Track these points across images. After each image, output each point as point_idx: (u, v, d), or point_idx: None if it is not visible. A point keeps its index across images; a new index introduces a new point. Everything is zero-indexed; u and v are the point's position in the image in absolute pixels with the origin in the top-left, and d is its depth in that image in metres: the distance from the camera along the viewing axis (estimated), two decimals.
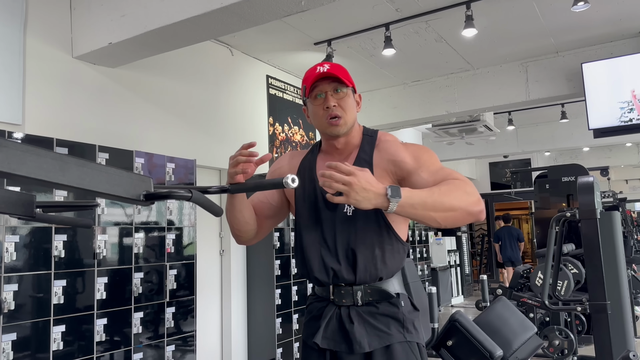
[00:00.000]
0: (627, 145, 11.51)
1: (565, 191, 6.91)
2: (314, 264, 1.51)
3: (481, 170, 13.55)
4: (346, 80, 1.51)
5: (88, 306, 3.33)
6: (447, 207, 1.30)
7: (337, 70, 1.51)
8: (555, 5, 4.63)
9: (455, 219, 1.32)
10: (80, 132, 3.71)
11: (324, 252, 1.50)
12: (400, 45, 5.23)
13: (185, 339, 4.00)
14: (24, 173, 1.04)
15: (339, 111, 1.50)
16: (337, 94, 1.51)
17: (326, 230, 1.51)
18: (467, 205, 1.33)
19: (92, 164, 1.18)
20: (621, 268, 3.18)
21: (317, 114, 1.53)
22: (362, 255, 1.46)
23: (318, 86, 1.52)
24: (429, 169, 1.45)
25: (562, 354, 4.17)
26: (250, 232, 1.58)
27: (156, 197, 1.32)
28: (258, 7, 3.12)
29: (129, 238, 3.66)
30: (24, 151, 1.05)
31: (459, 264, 10.07)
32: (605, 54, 5.52)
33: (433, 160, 1.49)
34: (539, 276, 4.45)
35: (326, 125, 1.52)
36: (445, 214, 1.30)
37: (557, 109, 8.15)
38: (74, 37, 3.75)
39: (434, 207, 1.29)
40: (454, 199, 1.31)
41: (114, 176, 1.23)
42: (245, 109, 5.40)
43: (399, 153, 1.51)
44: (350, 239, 1.47)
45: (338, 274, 1.47)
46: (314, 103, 1.54)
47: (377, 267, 1.47)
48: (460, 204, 1.32)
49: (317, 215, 1.53)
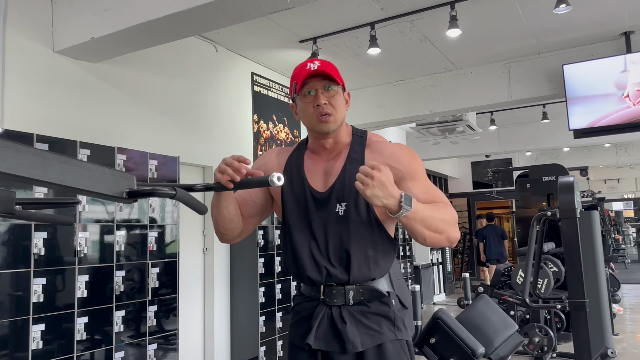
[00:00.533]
0: (605, 146, 11.71)
1: (546, 191, 7.01)
2: (306, 263, 1.49)
3: (463, 169, 13.67)
4: (337, 78, 1.50)
5: (68, 304, 3.28)
6: (438, 229, 1.40)
7: (328, 68, 1.50)
8: (538, 7, 4.69)
9: (439, 241, 1.43)
10: (61, 128, 3.66)
11: (315, 251, 1.49)
12: (385, 45, 5.25)
13: (167, 338, 3.97)
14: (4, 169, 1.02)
15: (329, 109, 1.49)
16: (327, 92, 1.50)
17: (316, 229, 1.50)
18: (451, 233, 1.43)
19: (74, 161, 1.16)
20: (600, 267, 3.24)
21: (307, 112, 1.52)
22: (355, 256, 1.46)
23: (308, 83, 1.50)
24: (421, 185, 1.50)
25: (542, 351, 4.24)
26: (235, 230, 1.56)
27: (139, 195, 1.30)
28: (243, 3, 3.10)
29: (111, 236, 3.62)
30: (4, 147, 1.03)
31: (441, 262, 10.16)
32: (586, 56, 5.61)
33: (423, 173, 1.54)
34: (519, 274, 4.51)
35: (316, 123, 1.51)
36: (433, 234, 1.40)
37: (538, 109, 8.25)
38: (55, 31, 3.68)
39: (429, 226, 1.38)
40: (443, 224, 1.41)
41: (96, 173, 1.21)
42: (229, 106, 5.37)
43: (393, 157, 1.52)
44: (343, 239, 1.47)
45: (332, 273, 1.47)
46: (304, 100, 1.52)
47: (370, 267, 1.47)
48: (446, 230, 1.42)
49: (306, 214, 1.52)
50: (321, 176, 1.55)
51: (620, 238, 14.88)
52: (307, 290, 1.55)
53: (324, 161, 1.57)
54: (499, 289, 4.96)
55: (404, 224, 1.36)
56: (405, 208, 1.31)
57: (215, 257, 5.06)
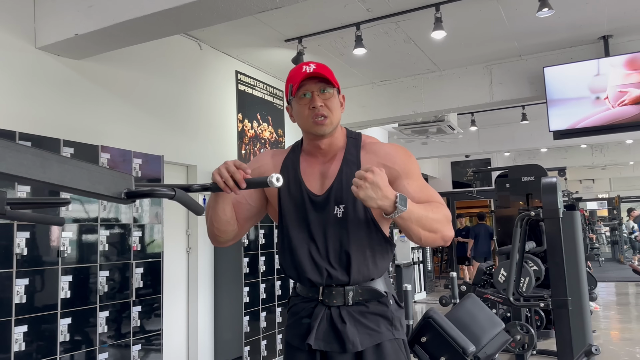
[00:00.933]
0: (582, 147, 11.96)
1: (525, 190, 7.13)
2: (306, 265, 1.50)
3: (443, 169, 13.82)
4: (332, 81, 1.51)
5: (52, 305, 3.23)
6: (433, 228, 1.42)
7: (324, 70, 1.51)
8: (521, 10, 4.77)
9: (434, 240, 1.45)
10: (44, 126, 3.59)
11: (314, 253, 1.49)
12: (370, 45, 5.28)
13: (151, 338, 3.93)
14: (4, 170, 1.00)
15: (325, 111, 1.50)
16: (323, 94, 1.51)
17: (315, 231, 1.50)
18: (446, 231, 1.46)
19: (73, 161, 1.15)
20: (581, 265, 3.32)
21: (303, 114, 1.52)
22: (355, 257, 1.47)
23: (304, 85, 1.51)
24: (416, 184, 1.52)
25: (523, 348, 4.31)
26: (230, 232, 1.55)
27: (138, 196, 1.29)
28: (232, 2, 3.09)
29: (94, 235, 3.57)
30: (4, 147, 1.02)
31: (422, 261, 10.25)
32: (566, 59, 5.72)
33: (418, 173, 1.56)
34: (501, 273, 4.58)
35: (311, 125, 1.51)
36: (428, 234, 1.42)
37: (518, 110, 8.39)
38: (38, 27, 3.61)
39: (424, 226, 1.40)
40: (438, 223, 1.43)
41: (95, 173, 1.20)
42: (213, 104, 5.33)
43: (389, 157, 1.53)
44: (342, 240, 1.48)
45: (332, 275, 1.48)
46: (299, 102, 1.53)
47: (369, 267, 1.49)
48: (440, 229, 1.44)
49: (305, 217, 1.52)
50: (318, 179, 1.56)
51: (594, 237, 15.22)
52: (305, 291, 1.55)
53: (320, 163, 1.58)
54: (480, 288, 5.03)
55: (400, 224, 1.38)
56: (400, 209, 1.33)
57: (199, 256, 5.02)
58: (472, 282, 5.11)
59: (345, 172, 1.52)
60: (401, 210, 1.33)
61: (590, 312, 6.41)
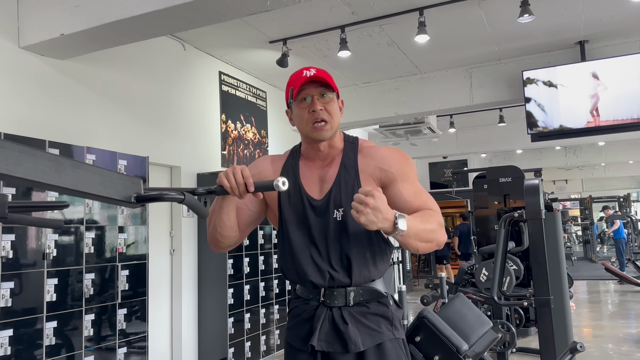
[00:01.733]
0: (556, 149, 12.25)
1: (502, 191, 7.29)
2: (308, 268, 1.52)
3: (421, 170, 13.97)
4: (332, 85, 1.54)
5: (37, 308, 3.18)
6: (430, 239, 1.45)
7: (324, 75, 1.53)
8: (501, 15, 4.88)
9: (429, 249, 1.47)
10: (29, 126, 3.53)
11: (316, 257, 1.52)
12: (354, 47, 5.33)
13: (137, 341, 3.90)
14: (22, 175, 1.02)
15: (325, 115, 1.52)
16: (323, 99, 1.53)
17: (316, 235, 1.52)
18: (440, 238, 1.48)
19: (86, 165, 1.16)
20: (562, 265, 3.42)
21: (302, 117, 1.54)
22: (355, 259, 1.50)
23: (305, 89, 1.53)
24: (411, 188, 1.54)
25: (504, 346, 4.41)
26: (233, 237, 1.56)
27: (147, 200, 1.30)
28: (222, 4, 3.09)
29: (79, 237, 3.52)
30: (21, 152, 1.03)
31: (401, 261, 10.36)
32: (544, 63, 5.87)
33: (414, 176, 1.58)
34: (483, 272, 4.68)
35: (311, 130, 1.53)
36: (425, 245, 1.45)
37: (495, 113, 8.56)
38: (21, 26, 3.55)
39: (421, 239, 1.43)
40: (434, 233, 1.46)
41: (106, 177, 1.21)
42: (197, 105, 5.31)
43: (385, 160, 1.56)
44: (342, 243, 1.51)
45: (334, 277, 1.50)
46: (299, 106, 1.54)
47: (369, 269, 1.52)
48: (437, 238, 1.47)
49: (305, 221, 1.54)
50: (317, 183, 1.58)
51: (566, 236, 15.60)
52: (306, 293, 1.57)
53: (319, 168, 1.60)
54: (462, 287, 5.13)
55: (399, 240, 1.41)
56: (399, 230, 1.35)
57: (183, 258, 5.00)
58: (454, 282, 5.21)
59: (344, 176, 1.55)
60: (401, 231, 1.34)
61: None
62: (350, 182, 1.54)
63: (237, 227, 1.56)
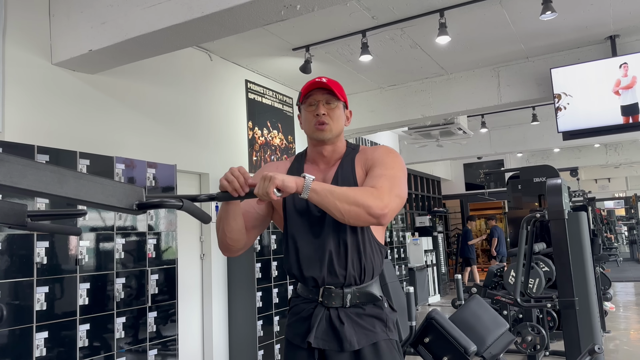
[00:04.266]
0: (595, 147, 11.87)
1: (537, 191, 7.13)
2: (309, 264, 1.61)
3: (456, 171, 13.80)
4: (339, 94, 1.66)
5: (70, 312, 3.35)
6: (353, 201, 1.45)
7: (332, 84, 1.66)
8: (525, 13, 4.81)
9: (357, 215, 1.45)
10: (61, 139, 3.72)
11: (316, 255, 1.60)
12: (377, 51, 5.35)
13: (167, 343, 4.03)
14: (25, 186, 1.11)
15: (326, 119, 1.65)
16: (328, 105, 1.67)
17: (317, 229, 1.61)
18: (370, 206, 1.45)
19: (88, 176, 1.24)
20: (588, 266, 3.34)
21: (308, 119, 1.69)
22: (351, 258, 1.59)
23: (312, 95, 1.67)
24: (379, 171, 1.59)
25: (535, 349, 4.33)
26: (241, 241, 1.64)
27: (148, 207, 1.38)
28: (239, 16, 3.19)
29: (110, 243, 3.68)
30: (25, 165, 1.11)
31: (435, 264, 10.26)
32: (573, 60, 5.74)
33: (391, 165, 1.61)
34: (511, 274, 4.61)
35: (313, 130, 1.67)
36: (348, 207, 1.44)
37: (528, 111, 8.39)
38: (53, 44, 3.75)
39: (340, 197, 1.44)
40: (358, 196, 1.46)
41: (108, 187, 1.29)
42: (224, 113, 5.45)
43: (372, 152, 1.69)
44: (340, 243, 1.59)
45: (332, 272, 1.58)
46: (306, 109, 1.69)
47: (362, 268, 1.60)
48: (363, 202, 1.45)
49: (308, 223, 1.63)
50: None
51: (612, 237, 15.03)
52: (305, 292, 1.65)
53: (322, 172, 1.71)
54: (491, 289, 5.06)
55: (316, 200, 1.45)
56: (306, 186, 1.42)
57: (213, 262, 5.13)
58: (483, 284, 5.14)
59: (341, 174, 1.67)
60: (308, 187, 1.41)
61: (605, 313, 6.40)
62: (347, 176, 1.65)
63: (245, 230, 1.64)
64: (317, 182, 1.45)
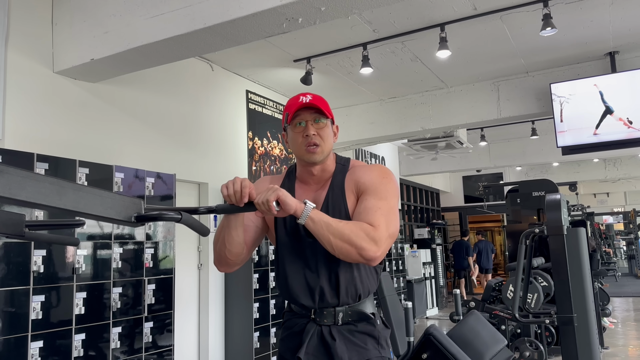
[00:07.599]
0: (594, 161, 11.90)
1: (536, 205, 7.14)
2: (300, 291, 1.58)
3: (455, 183, 13.81)
4: (326, 112, 1.60)
5: (66, 321, 3.33)
6: (347, 239, 1.43)
7: (319, 102, 1.60)
8: (525, 29, 4.84)
9: (348, 253, 1.44)
10: (61, 147, 3.72)
11: (307, 278, 1.57)
12: (377, 64, 5.38)
13: (163, 354, 4.01)
14: (24, 198, 1.10)
15: (317, 139, 1.58)
16: (316, 124, 1.60)
17: (308, 257, 1.58)
18: (364, 248, 1.43)
19: (87, 188, 1.24)
20: (587, 282, 3.33)
21: (296, 141, 1.61)
22: (343, 278, 1.55)
23: (300, 115, 1.60)
24: (372, 202, 1.54)
25: None
26: (240, 255, 1.61)
27: (147, 219, 1.38)
28: (241, 28, 3.21)
29: (108, 252, 3.67)
30: (24, 177, 1.11)
31: (433, 276, 10.23)
32: (573, 75, 5.76)
33: (385, 193, 1.56)
34: (510, 289, 4.59)
35: (304, 152, 1.60)
36: (341, 243, 1.43)
37: (527, 125, 8.42)
38: (55, 52, 3.77)
39: (334, 232, 1.42)
40: (353, 236, 1.43)
41: (107, 199, 1.29)
42: (224, 123, 5.46)
43: (363, 174, 1.61)
44: (332, 264, 1.55)
45: (324, 298, 1.56)
46: (294, 130, 1.62)
47: (356, 287, 1.56)
48: (357, 243, 1.43)
49: (298, 244, 1.60)
50: None
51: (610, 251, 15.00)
52: (298, 309, 1.63)
53: (313, 191, 1.66)
54: (490, 304, 5.04)
55: (311, 228, 1.43)
56: (305, 213, 1.39)
57: (210, 272, 5.11)
58: (482, 299, 5.12)
59: (331, 197, 1.61)
60: (306, 214, 1.39)
61: (603, 329, 6.37)
62: (337, 202, 1.59)
63: (244, 244, 1.62)
64: (316, 211, 1.43)
